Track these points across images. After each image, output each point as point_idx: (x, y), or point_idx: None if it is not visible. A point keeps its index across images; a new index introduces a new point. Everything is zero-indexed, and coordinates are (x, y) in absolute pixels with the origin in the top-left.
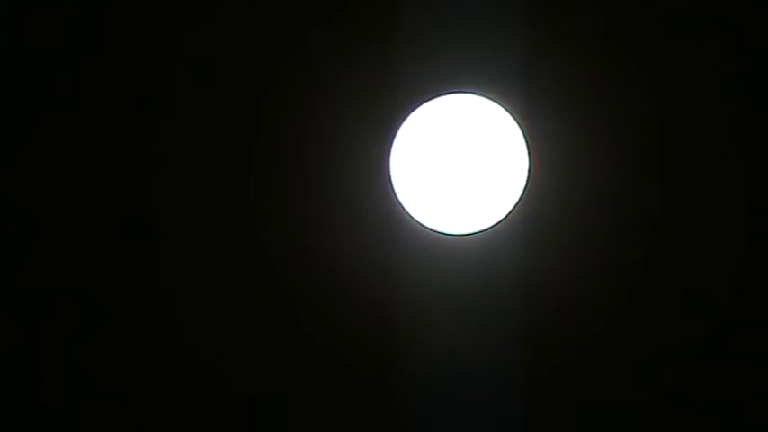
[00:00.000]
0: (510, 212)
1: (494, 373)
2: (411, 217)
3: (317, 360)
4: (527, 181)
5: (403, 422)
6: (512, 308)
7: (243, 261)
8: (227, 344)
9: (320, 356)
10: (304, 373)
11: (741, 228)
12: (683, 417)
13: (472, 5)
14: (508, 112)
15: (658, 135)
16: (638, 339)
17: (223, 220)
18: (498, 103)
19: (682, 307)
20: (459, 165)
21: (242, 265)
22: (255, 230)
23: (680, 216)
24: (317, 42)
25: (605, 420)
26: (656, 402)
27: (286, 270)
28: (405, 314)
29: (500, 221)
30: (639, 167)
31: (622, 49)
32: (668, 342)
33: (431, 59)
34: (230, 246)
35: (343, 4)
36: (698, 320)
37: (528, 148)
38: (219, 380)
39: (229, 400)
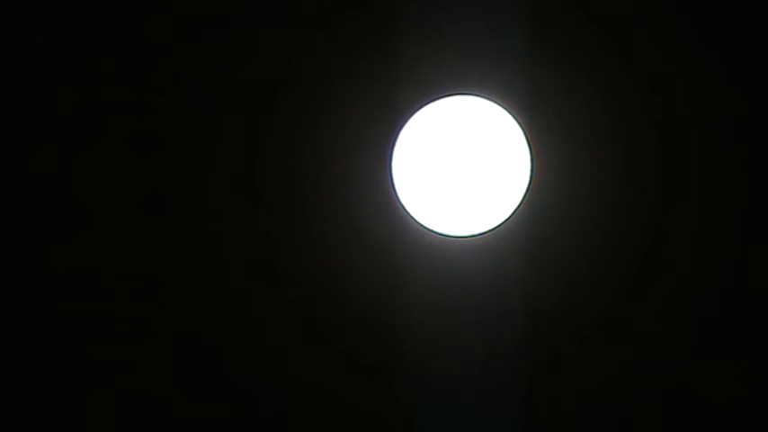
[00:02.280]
0: (512, 214)
1: (494, 373)
2: (413, 219)
3: (317, 359)
4: (529, 183)
5: (404, 421)
6: (513, 309)
7: (245, 261)
8: (228, 343)
9: (321, 356)
10: (305, 373)
11: (741, 228)
12: (683, 416)
13: (474, 8)
14: (510, 114)
15: (659, 137)
16: (638, 340)
17: (225, 221)
18: (500, 106)
19: (682, 307)
20: (462, 167)
21: (245, 266)
22: (258, 231)
23: (680, 217)
24: (320, 45)
25: (605, 420)
26: (656, 402)
27: (288, 271)
28: (406, 315)
29: (502, 223)
30: (640, 169)
31: (624, 52)
32: (668, 342)
33: (433, 61)
34: (233, 246)
35: (346, 7)
36: (698, 321)
37: (530, 151)
38: (221, 379)
39: (231, 399)
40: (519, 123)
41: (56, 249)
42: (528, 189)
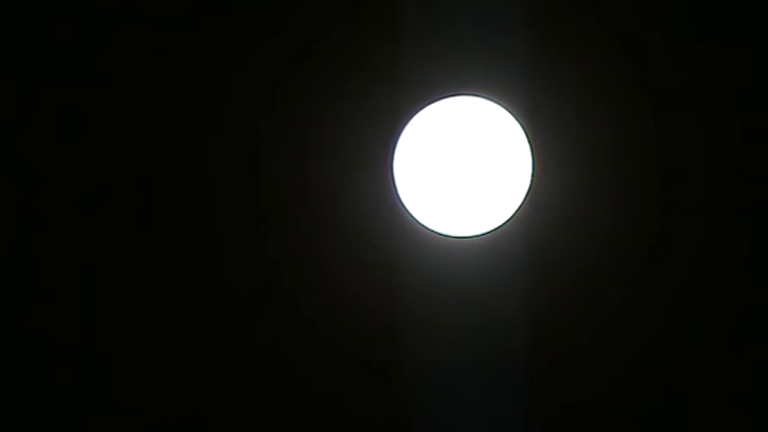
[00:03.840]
0: (513, 215)
1: (496, 373)
2: (415, 219)
3: (317, 359)
4: (530, 183)
5: (403, 421)
6: (514, 309)
7: (248, 261)
8: (230, 342)
9: (321, 356)
10: (306, 372)
11: (741, 227)
12: (683, 416)
13: (475, 8)
14: (511, 114)
15: (660, 137)
16: (638, 340)
17: (228, 222)
18: (501, 106)
19: (682, 307)
20: (463, 167)
21: (247, 266)
22: (260, 232)
23: (680, 217)
24: (320, 47)
25: (605, 420)
26: (657, 402)
27: (288, 271)
28: (407, 315)
29: (503, 224)
30: (641, 169)
31: (625, 53)
32: (668, 342)
33: (434, 62)
34: (235, 246)
35: (346, 9)
36: (698, 320)
37: (531, 151)
38: (221, 379)
39: (231, 399)
40: (520, 124)
41: (56, 250)
42: (529, 189)
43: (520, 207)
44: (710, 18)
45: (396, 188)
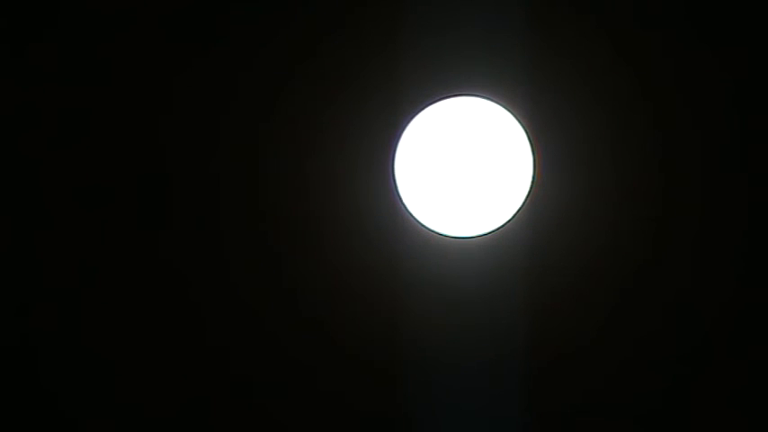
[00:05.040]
0: (515, 215)
1: (494, 373)
2: (416, 220)
3: (317, 359)
4: (531, 184)
5: (404, 421)
6: (514, 309)
7: (249, 261)
8: (231, 341)
9: (321, 356)
10: (306, 372)
11: (742, 226)
12: (684, 417)
13: (475, 8)
14: (512, 114)
15: (661, 138)
16: (640, 340)
17: (228, 222)
18: (502, 106)
19: (682, 307)
20: (464, 168)
21: (248, 266)
22: (261, 232)
23: (681, 217)
24: (321, 47)
25: (606, 420)
26: (657, 402)
27: (291, 273)
28: (409, 317)
29: (505, 224)
30: (642, 170)
31: (626, 53)
32: (668, 342)
33: (434, 62)
34: (236, 246)
35: (347, 8)
36: (698, 321)
37: (532, 151)
38: (221, 379)
39: (231, 399)
40: (521, 124)
41: (56, 250)
42: (530, 190)
43: (521, 207)
44: (710, 18)
45: (396, 188)
